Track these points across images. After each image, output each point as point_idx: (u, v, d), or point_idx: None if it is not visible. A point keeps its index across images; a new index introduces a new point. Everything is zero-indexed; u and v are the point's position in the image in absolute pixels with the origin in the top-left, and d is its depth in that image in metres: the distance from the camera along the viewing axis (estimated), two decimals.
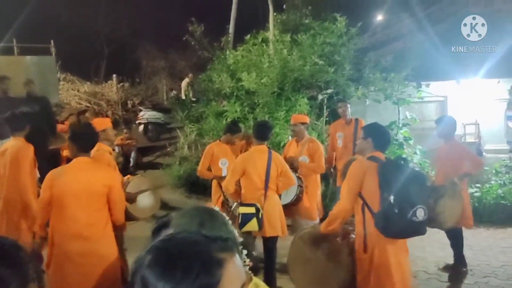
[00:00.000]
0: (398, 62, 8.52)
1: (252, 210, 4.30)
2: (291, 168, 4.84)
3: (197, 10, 13.96)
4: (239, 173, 4.45)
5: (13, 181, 4.03)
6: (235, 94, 9.86)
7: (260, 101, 9.21)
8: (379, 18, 13.58)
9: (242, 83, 9.55)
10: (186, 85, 14.89)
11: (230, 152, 5.45)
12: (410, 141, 7.96)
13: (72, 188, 3.21)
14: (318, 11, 11.68)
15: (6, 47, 11.44)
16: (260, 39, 10.71)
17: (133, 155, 10.55)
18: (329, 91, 8.54)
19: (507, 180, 7.45)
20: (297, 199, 5.03)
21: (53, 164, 4.19)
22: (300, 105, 8.62)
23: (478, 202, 6.87)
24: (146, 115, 12.75)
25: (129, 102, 15.30)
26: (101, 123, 4.43)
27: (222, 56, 11.45)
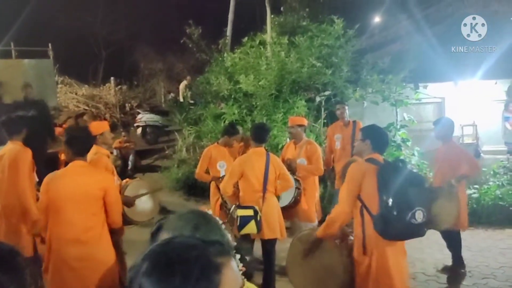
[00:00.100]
0: (395, 64, 8.52)
1: (250, 212, 4.29)
2: (289, 170, 4.83)
3: (195, 13, 14.00)
4: (237, 175, 4.44)
5: (11, 185, 4.00)
6: (233, 96, 9.87)
7: (258, 103, 9.21)
8: (376, 20, 13.59)
9: (240, 85, 9.57)
10: (184, 87, 14.87)
11: (228, 154, 5.46)
12: (408, 143, 7.94)
13: (69, 192, 3.21)
14: (315, 13, 11.72)
15: (4, 51, 11.41)
16: (257, 42, 10.74)
17: (131, 158, 10.54)
18: (327, 93, 8.56)
19: (505, 181, 7.44)
20: (296, 201, 5.02)
21: (52, 168, 4.17)
22: (298, 107, 8.62)
23: (476, 203, 6.86)
24: (144, 117, 12.72)
25: (127, 104, 15.31)
26: (98, 127, 4.44)
27: (220, 59, 11.47)
